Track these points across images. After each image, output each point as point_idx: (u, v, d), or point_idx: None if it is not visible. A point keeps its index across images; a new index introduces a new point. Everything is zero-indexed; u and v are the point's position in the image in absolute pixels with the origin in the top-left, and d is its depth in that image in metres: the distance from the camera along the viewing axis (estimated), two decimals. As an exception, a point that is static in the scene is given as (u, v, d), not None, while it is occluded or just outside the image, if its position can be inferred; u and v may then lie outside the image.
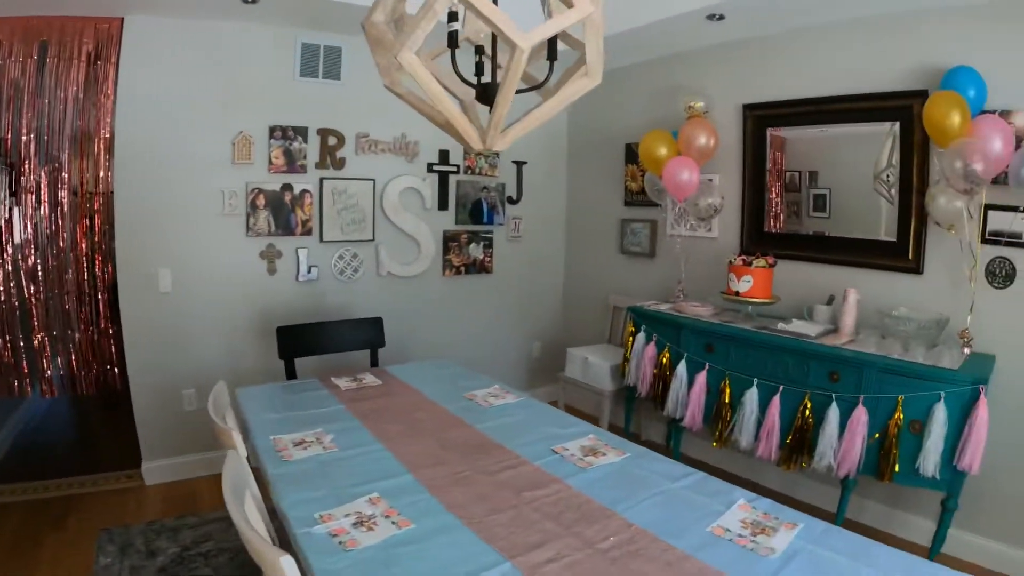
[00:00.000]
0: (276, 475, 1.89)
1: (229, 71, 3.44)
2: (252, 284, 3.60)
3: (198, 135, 3.39)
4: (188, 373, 3.49)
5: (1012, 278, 2.87)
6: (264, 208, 3.56)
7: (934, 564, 1.58)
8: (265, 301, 3.65)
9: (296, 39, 3.59)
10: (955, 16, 2.97)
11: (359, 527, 1.61)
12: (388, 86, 1.77)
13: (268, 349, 3.56)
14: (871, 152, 3.33)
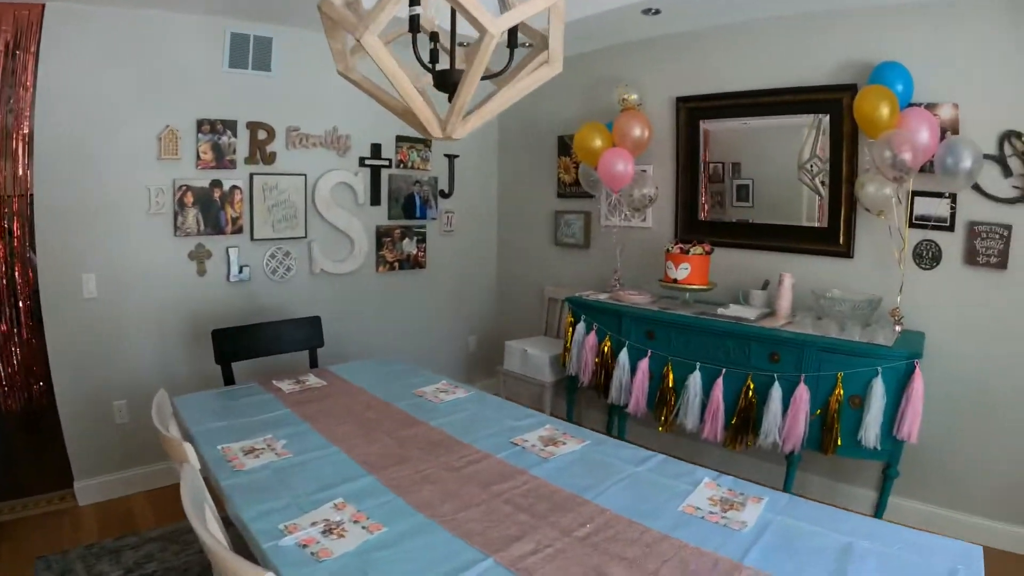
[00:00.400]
0: (231, 486, 1.78)
1: (155, 62, 3.23)
2: (182, 287, 3.41)
3: (122, 130, 3.17)
4: (119, 384, 3.26)
5: (938, 260, 3.06)
6: (193, 206, 3.36)
7: (894, 524, 1.67)
8: (196, 304, 3.46)
9: (225, 29, 3.41)
10: (883, 14, 3.13)
11: (329, 535, 1.53)
12: (342, 72, 1.69)
13: (202, 354, 3.38)
14: (792, 144, 3.48)
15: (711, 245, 3.54)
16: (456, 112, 1.56)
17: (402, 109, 1.69)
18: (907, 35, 3.06)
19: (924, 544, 1.56)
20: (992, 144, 2.90)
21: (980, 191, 2.93)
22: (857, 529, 1.63)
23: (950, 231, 3.02)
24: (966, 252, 3.00)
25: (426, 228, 4.49)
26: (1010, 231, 2.88)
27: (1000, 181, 2.90)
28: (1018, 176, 2.86)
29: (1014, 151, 2.85)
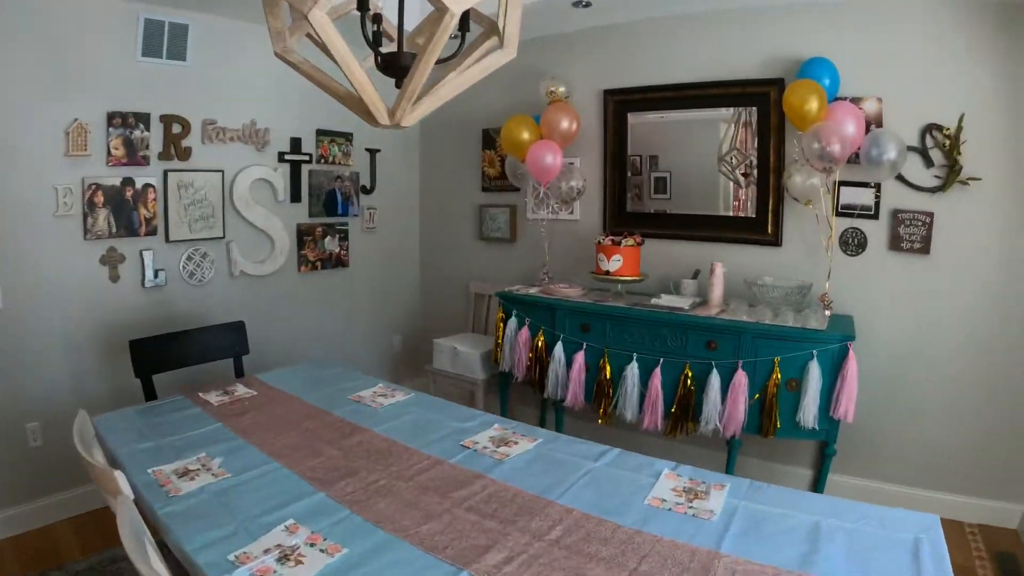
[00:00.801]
0: (168, 515, 1.60)
1: (63, 50, 2.92)
2: (94, 294, 3.10)
3: (26, 124, 2.84)
4: (30, 404, 2.94)
5: (864, 246, 3.21)
6: (103, 207, 3.06)
7: (854, 501, 1.72)
8: (110, 313, 3.16)
9: (138, 15, 3.11)
10: (810, 11, 3.24)
11: (285, 562, 1.40)
12: (280, 53, 1.56)
13: (119, 367, 3.08)
14: (709, 137, 3.57)
15: (642, 236, 3.56)
16: (407, 97, 1.45)
17: (344, 94, 1.57)
18: (834, 32, 3.19)
19: (885, 517, 1.62)
20: (914, 136, 3.06)
21: (903, 181, 3.08)
22: (821, 508, 1.68)
23: (875, 219, 3.17)
24: (891, 238, 3.16)
25: (348, 225, 4.30)
26: (932, 218, 3.06)
27: (922, 171, 3.07)
28: (939, 167, 3.03)
29: (935, 143, 3.02)
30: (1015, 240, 2.97)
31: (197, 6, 3.25)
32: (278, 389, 2.61)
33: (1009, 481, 3.04)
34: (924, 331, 3.14)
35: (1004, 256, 3.00)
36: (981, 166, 2.96)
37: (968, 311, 3.07)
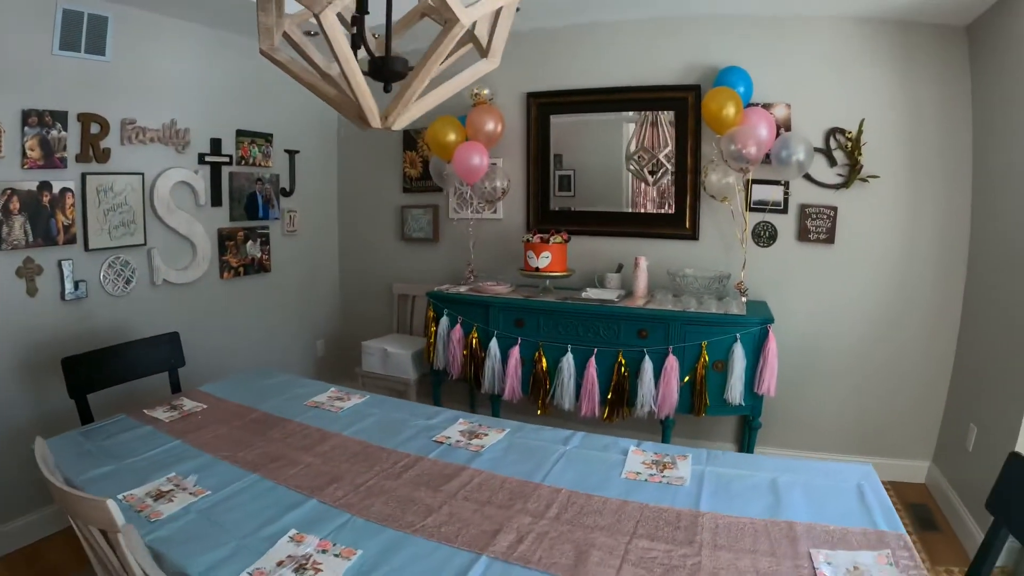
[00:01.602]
0: (156, 541, 1.51)
1: None
2: (10, 310, 2.83)
3: None
4: None
5: (774, 238, 3.56)
6: (19, 213, 2.80)
7: (801, 459, 2.03)
8: (29, 330, 2.90)
9: (56, 3, 2.87)
10: (726, 23, 3.53)
11: (304, 572, 1.40)
12: (266, 51, 1.53)
13: (44, 389, 2.90)
14: (612, 137, 3.83)
15: (568, 234, 3.73)
16: (404, 102, 1.50)
17: (335, 96, 1.59)
18: (748, 43, 3.49)
19: (829, 470, 1.89)
20: (820, 139, 3.43)
21: (810, 179, 3.45)
22: (774, 467, 1.92)
23: (784, 213, 3.53)
24: (799, 231, 3.51)
25: (269, 229, 4.19)
26: (836, 211, 3.44)
27: (827, 170, 3.44)
28: (842, 166, 3.41)
29: (838, 144, 3.40)
30: (908, 230, 3.41)
31: None
32: (229, 400, 2.53)
33: (913, 441, 3.50)
34: (831, 313, 3.53)
35: (899, 244, 3.43)
36: (879, 165, 3.36)
37: (868, 294, 3.48)
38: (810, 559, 1.44)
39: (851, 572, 1.40)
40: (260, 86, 3.97)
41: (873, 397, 3.54)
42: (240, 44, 3.78)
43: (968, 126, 3.29)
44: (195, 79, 3.60)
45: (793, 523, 1.60)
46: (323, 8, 1.26)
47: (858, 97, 3.38)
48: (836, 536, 1.54)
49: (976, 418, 3.05)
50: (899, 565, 1.42)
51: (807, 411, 3.61)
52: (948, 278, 3.39)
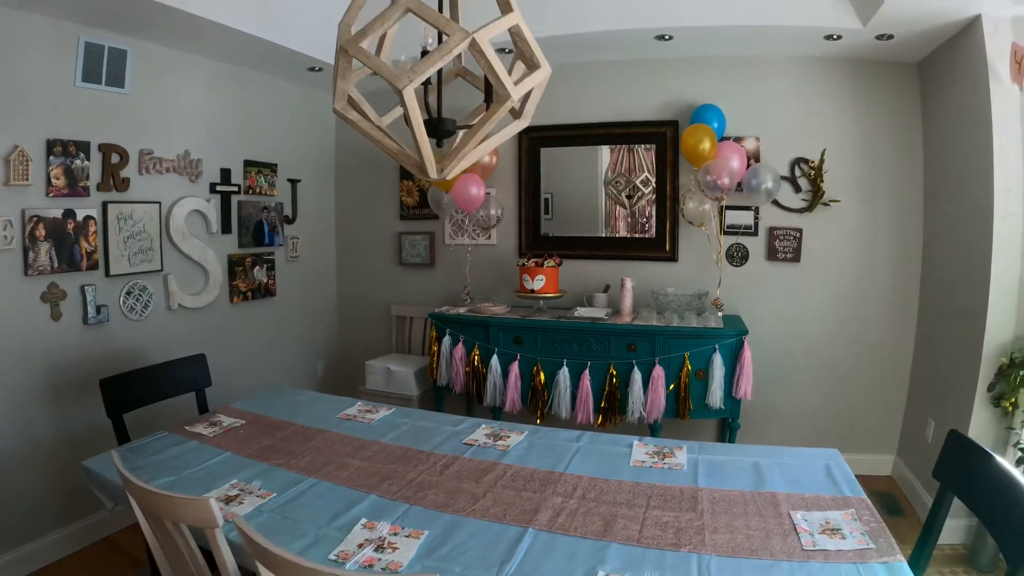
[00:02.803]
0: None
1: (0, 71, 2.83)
2: (35, 334, 2.98)
3: None
4: None
5: (746, 258, 3.98)
6: (45, 240, 2.97)
7: (777, 446, 2.35)
8: (54, 353, 3.06)
9: (79, 37, 3.06)
10: (702, 64, 3.96)
11: (383, 551, 1.64)
12: (339, 111, 1.80)
13: (70, 410, 3.06)
14: (589, 163, 4.23)
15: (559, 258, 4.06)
16: (459, 157, 1.80)
17: (398, 150, 1.87)
18: (720, 81, 3.92)
19: (802, 454, 2.27)
20: (786, 168, 3.87)
21: (777, 204, 3.88)
22: (756, 453, 2.29)
23: (755, 236, 3.95)
24: (768, 251, 3.94)
25: (274, 255, 4.43)
26: (801, 233, 3.87)
27: (792, 196, 3.88)
28: (806, 192, 3.86)
29: (803, 172, 3.84)
30: (867, 248, 3.88)
31: (136, 32, 3.27)
32: (265, 415, 2.72)
33: (879, 437, 3.93)
34: (798, 324, 3.96)
35: (859, 260, 3.90)
36: (839, 190, 3.82)
37: (832, 306, 3.93)
38: (790, 518, 1.78)
39: (824, 525, 1.74)
40: (265, 118, 4.23)
41: (840, 398, 3.97)
42: (246, 77, 4.05)
43: (920, 153, 3.76)
44: (206, 111, 3.83)
45: (775, 493, 1.95)
46: (406, 84, 1.56)
47: (820, 129, 3.84)
48: (810, 501, 1.89)
49: (933, 413, 3.47)
50: (862, 520, 1.76)
51: (780, 412, 4.01)
52: (904, 289, 3.85)
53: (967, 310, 3.18)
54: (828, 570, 1.53)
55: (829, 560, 1.57)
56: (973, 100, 3.12)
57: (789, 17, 3.34)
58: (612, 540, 1.68)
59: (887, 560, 1.55)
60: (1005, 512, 1.64)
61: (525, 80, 1.73)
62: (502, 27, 1.67)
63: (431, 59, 1.56)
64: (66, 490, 3.05)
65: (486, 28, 1.61)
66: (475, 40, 1.56)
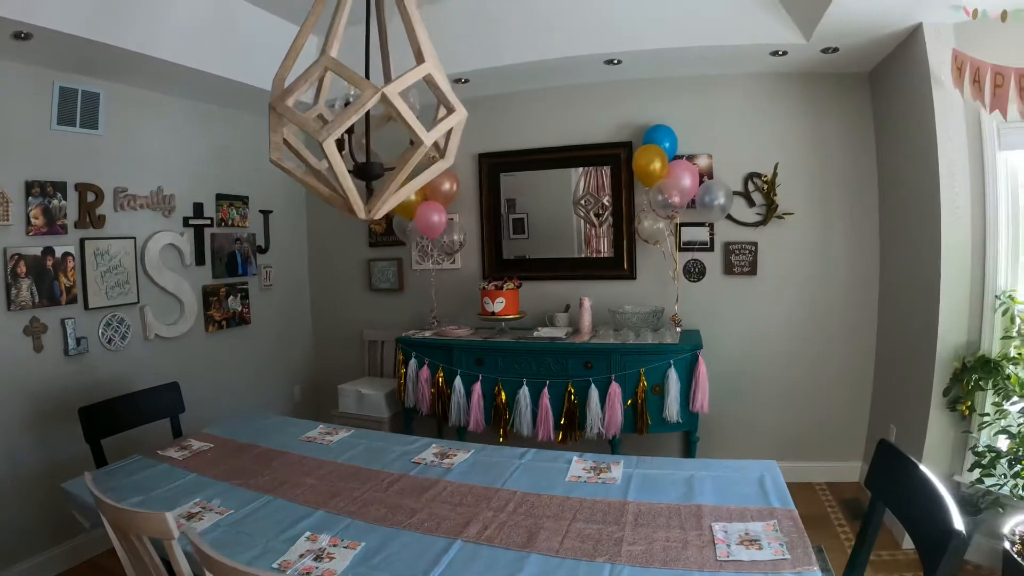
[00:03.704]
0: None
1: None
2: (19, 366, 3.16)
3: None
4: None
5: (703, 274, 4.13)
6: (26, 276, 3.15)
7: (716, 459, 2.47)
8: (36, 384, 3.23)
9: (53, 82, 3.27)
10: (654, 85, 4.12)
11: (321, 560, 1.79)
12: (275, 160, 1.99)
13: (52, 437, 3.23)
14: (561, 183, 4.36)
15: (519, 280, 4.22)
16: (383, 200, 1.98)
17: (329, 195, 2.05)
18: (673, 101, 4.08)
19: (738, 466, 2.37)
20: (739, 183, 4.01)
21: (732, 219, 4.02)
22: (692, 466, 2.40)
23: (711, 251, 4.10)
24: (725, 265, 4.09)
25: (248, 285, 4.59)
26: (756, 246, 4.03)
27: (746, 210, 4.03)
28: (760, 206, 4.00)
29: (756, 187, 3.99)
30: (822, 257, 4.00)
31: (108, 75, 3.45)
32: (232, 439, 2.87)
33: (846, 444, 4.03)
34: (758, 336, 4.09)
35: (815, 270, 4.02)
36: (793, 203, 3.96)
37: (791, 316, 4.05)
38: (710, 530, 1.88)
39: (743, 536, 1.82)
40: (235, 152, 4.41)
41: (804, 406, 4.07)
42: (215, 114, 4.24)
43: (873, 163, 3.89)
44: (177, 148, 4.02)
45: (701, 506, 2.05)
46: (325, 138, 1.73)
47: (773, 144, 3.98)
48: (735, 513, 1.98)
49: (895, 418, 3.58)
50: (783, 531, 1.84)
51: (744, 423, 4.13)
52: (863, 297, 3.96)
53: (921, 316, 3.26)
54: (738, 581, 1.58)
55: (741, 570, 1.64)
56: (918, 107, 3.21)
57: (732, 37, 3.47)
58: (532, 551, 1.80)
59: (800, 570, 1.61)
60: (925, 520, 1.68)
61: (438, 126, 1.90)
62: (414, 78, 1.85)
63: (346, 114, 1.74)
64: (50, 514, 3.20)
65: (395, 82, 1.79)
66: (385, 94, 1.74)
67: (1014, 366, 2.88)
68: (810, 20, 3.22)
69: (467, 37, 3.82)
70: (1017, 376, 2.84)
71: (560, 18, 3.65)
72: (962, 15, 2.89)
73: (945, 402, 3.10)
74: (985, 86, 2.73)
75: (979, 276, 3.11)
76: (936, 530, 1.58)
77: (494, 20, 3.75)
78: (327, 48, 1.86)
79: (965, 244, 3.09)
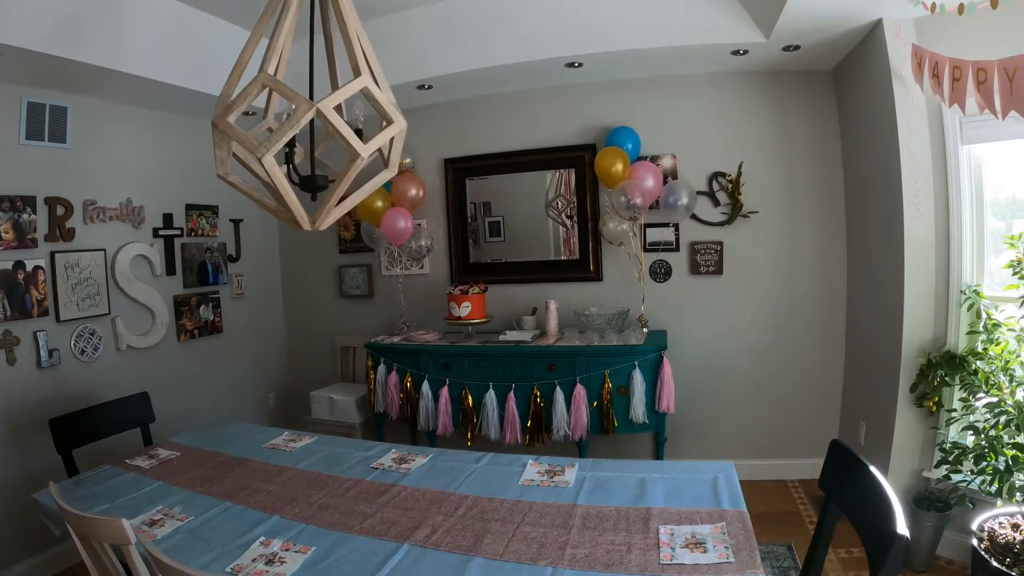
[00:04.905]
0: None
1: None
2: None
3: None
4: None
5: (669, 274, 4.16)
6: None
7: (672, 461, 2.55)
8: (10, 396, 3.26)
9: (21, 98, 3.30)
10: (615, 87, 4.14)
11: (272, 564, 1.85)
12: (222, 175, 2.04)
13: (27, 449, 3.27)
14: (538, 187, 4.38)
15: (485, 284, 4.27)
16: (326, 211, 2.03)
17: (274, 208, 2.10)
18: (635, 103, 4.10)
19: (694, 468, 2.40)
20: (703, 183, 4.04)
21: (697, 219, 4.05)
22: (646, 468, 2.43)
23: (676, 251, 4.13)
24: (690, 265, 4.13)
25: (219, 293, 4.62)
26: (722, 246, 4.06)
27: (711, 210, 4.06)
28: (725, 205, 4.04)
29: (720, 186, 4.02)
30: (787, 258, 4.03)
31: (76, 89, 3.49)
32: (198, 448, 2.92)
33: (818, 441, 3.90)
34: (726, 335, 4.12)
35: (779, 270, 4.05)
36: (758, 202, 3.99)
37: (758, 315, 4.08)
38: (657, 533, 1.91)
39: (689, 539, 1.83)
40: (204, 162, 4.34)
41: (775, 406, 4.10)
42: (183, 125, 4.25)
43: (839, 160, 3.91)
44: (146, 159, 4.05)
45: (650, 508, 2.08)
46: (263, 154, 1.79)
47: (737, 142, 4.00)
48: (684, 515, 2.00)
49: (864, 415, 3.61)
50: (730, 533, 1.86)
51: (714, 423, 4.17)
52: (831, 295, 3.99)
53: (887, 312, 3.27)
54: (679, 584, 1.60)
55: (683, 574, 1.66)
56: (880, 103, 3.21)
57: (692, 37, 3.47)
58: (477, 555, 1.85)
59: (744, 573, 1.63)
60: (872, 521, 1.68)
61: (375, 139, 1.96)
62: (349, 92, 1.90)
63: (283, 130, 1.80)
64: (25, 525, 3.21)
65: (330, 98, 1.84)
66: (319, 109, 1.79)
67: (980, 361, 2.85)
68: (768, 19, 3.23)
69: (430, 44, 3.86)
70: (983, 371, 2.81)
71: (521, 22, 3.67)
72: (921, 10, 2.89)
73: (912, 398, 3.10)
74: (944, 80, 2.70)
75: (944, 271, 3.10)
76: (881, 533, 1.57)
77: (456, 26, 3.79)
78: (266, 64, 1.91)
79: (928, 239, 3.08)
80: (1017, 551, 2.49)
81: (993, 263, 3.06)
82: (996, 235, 3.04)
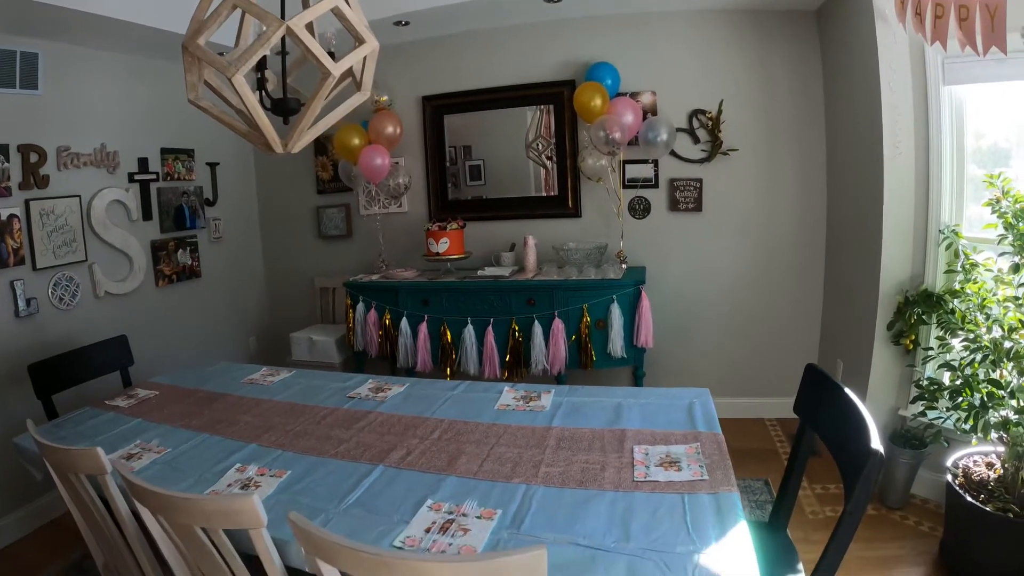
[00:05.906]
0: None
1: None
2: None
3: None
4: None
5: (648, 211, 4.17)
6: None
7: (649, 388, 2.56)
8: None
9: None
10: (595, 23, 4.06)
11: (248, 488, 1.88)
12: (193, 100, 1.99)
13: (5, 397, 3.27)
14: (518, 127, 4.32)
15: (463, 220, 4.25)
16: (299, 133, 1.99)
17: (245, 131, 2.05)
18: (615, 39, 4.04)
19: (670, 394, 2.43)
20: (683, 120, 4.01)
21: (676, 156, 4.04)
22: (622, 394, 2.46)
23: (655, 188, 4.13)
24: (670, 202, 4.13)
25: (197, 238, 4.58)
26: (701, 183, 4.06)
27: (691, 147, 4.04)
28: (704, 142, 4.02)
29: (700, 124, 4.00)
30: (765, 195, 4.04)
31: (46, 35, 3.39)
32: (178, 386, 2.93)
33: (794, 381, 3.98)
34: (704, 271, 4.15)
35: (759, 209, 4.06)
36: (738, 139, 3.97)
37: (737, 253, 4.11)
38: (632, 452, 1.93)
39: (663, 458, 1.86)
40: (179, 105, 4.21)
41: (754, 344, 4.16)
42: (158, 68, 4.14)
43: (820, 99, 3.89)
44: (120, 104, 3.95)
45: (625, 430, 2.11)
46: (233, 73, 1.74)
47: (718, 80, 3.97)
48: (659, 436, 2.03)
49: (842, 354, 3.66)
50: (705, 453, 1.88)
51: (690, 359, 4.23)
52: (810, 234, 4.02)
53: (865, 251, 3.29)
54: (652, 500, 1.63)
55: (656, 491, 1.67)
56: (863, 43, 3.19)
57: None
58: (451, 474, 1.89)
59: (718, 491, 1.64)
60: (847, 442, 1.67)
61: (346, 57, 1.91)
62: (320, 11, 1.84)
63: (253, 48, 1.75)
64: (10, 477, 3.24)
65: (300, 15, 1.78)
66: (290, 27, 1.74)
67: (957, 300, 2.84)
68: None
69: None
70: (960, 310, 2.81)
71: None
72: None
73: (889, 336, 3.12)
74: (926, 18, 2.67)
75: (923, 210, 3.10)
76: (856, 451, 1.56)
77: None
78: (237, -16, 1.84)
79: (908, 177, 3.07)
80: (991, 488, 2.52)
81: (973, 211, 3.04)
82: (977, 183, 3.00)
